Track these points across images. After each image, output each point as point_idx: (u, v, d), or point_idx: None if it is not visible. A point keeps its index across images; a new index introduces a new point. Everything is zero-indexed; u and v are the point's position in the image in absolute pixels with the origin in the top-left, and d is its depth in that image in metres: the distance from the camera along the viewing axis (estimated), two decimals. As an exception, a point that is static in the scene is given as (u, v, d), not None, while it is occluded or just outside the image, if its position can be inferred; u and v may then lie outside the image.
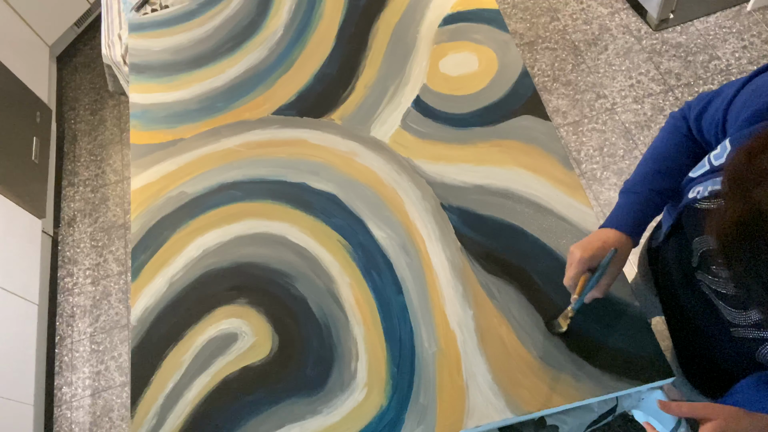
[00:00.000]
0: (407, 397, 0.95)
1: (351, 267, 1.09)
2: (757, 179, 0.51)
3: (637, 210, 0.87)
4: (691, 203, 0.79)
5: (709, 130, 0.82)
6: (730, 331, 0.78)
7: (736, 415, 0.64)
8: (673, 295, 0.95)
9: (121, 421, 1.93)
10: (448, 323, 1.00)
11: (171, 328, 1.08)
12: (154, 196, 1.24)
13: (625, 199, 0.89)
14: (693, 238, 0.81)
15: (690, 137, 0.87)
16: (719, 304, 0.78)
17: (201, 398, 1.01)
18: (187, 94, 1.38)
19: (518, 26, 2.45)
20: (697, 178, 0.79)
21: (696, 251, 0.81)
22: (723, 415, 0.64)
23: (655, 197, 0.86)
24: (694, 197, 0.78)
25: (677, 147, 0.87)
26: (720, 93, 0.80)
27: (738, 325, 0.76)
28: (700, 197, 0.77)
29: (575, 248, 0.85)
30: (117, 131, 2.58)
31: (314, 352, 1.02)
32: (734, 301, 0.75)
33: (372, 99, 1.29)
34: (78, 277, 2.23)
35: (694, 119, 0.85)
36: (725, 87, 0.79)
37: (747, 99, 0.72)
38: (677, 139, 0.88)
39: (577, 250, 0.85)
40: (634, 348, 0.93)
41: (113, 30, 1.79)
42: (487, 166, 1.16)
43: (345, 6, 1.46)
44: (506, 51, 1.30)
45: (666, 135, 0.89)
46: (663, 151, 0.88)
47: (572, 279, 0.85)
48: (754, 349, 0.74)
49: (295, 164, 1.23)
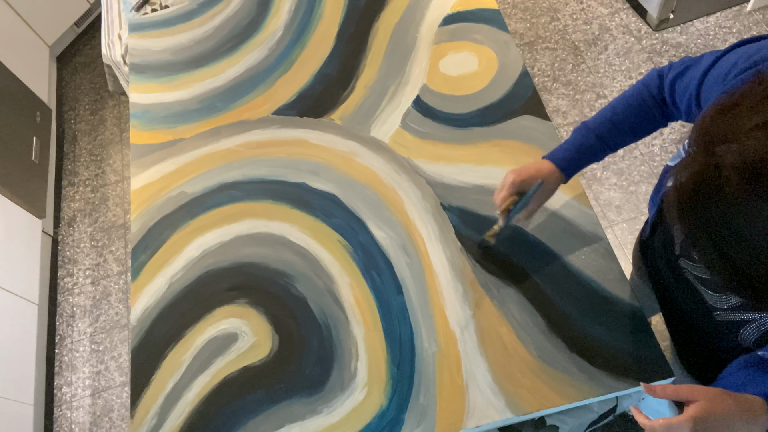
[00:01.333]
0: (407, 397, 0.95)
1: (351, 267, 1.09)
2: (722, 136, 0.51)
3: (576, 150, 0.92)
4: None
5: (681, 98, 0.82)
6: (714, 315, 0.79)
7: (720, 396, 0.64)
8: (662, 285, 0.97)
9: (121, 421, 1.93)
10: (448, 323, 1.00)
11: (171, 328, 1.08)
12: (154, 196, 1.24)
13: (573, 137, 0.93)
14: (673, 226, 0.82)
15: (655, 99, 0.88)
16: (701, 290, 0.79)
17: (201, 398, 1.00)
18: (187, 94, 1.38)
19: (518, 26, 2.44)
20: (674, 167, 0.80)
21: (677, 239, 0.82)
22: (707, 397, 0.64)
23: (597, 144, 0.91)
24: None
25: (639, 105, 0.89)
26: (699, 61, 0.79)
27: (719, 308, 0.76)
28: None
29: (510, 172, 0.91)
30: (117, 131, 2.58)
31: (314, 352, 1.02)
32: (714, 285, 0.75)
33: (372, 99, 1.29)
34: (78, 277, 2.23)
35: (670, 82, 0.85)
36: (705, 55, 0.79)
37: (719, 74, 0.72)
38: (642, 97, 0.89)
39: (510, 174, 0.91)
40: (634, 348, 0.93)
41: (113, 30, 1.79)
42: (487, 166, 1.16)
43: (345, 6, 1.46)
44: (506, 51, 1.30)
45: (636, 89, 0.91)
46: (625, 104, 0.90)
47: (502, 199, 0.92)
48: (736, 332, 0.75)
49: (295, 164, 1.23)
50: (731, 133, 0.50)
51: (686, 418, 0.63)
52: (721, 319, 0.77)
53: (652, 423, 0.68)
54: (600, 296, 0.99)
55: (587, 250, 1.03)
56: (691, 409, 0.64)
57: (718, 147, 0.50)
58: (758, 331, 0.71)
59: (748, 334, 0.73)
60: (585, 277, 1.01)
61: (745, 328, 0.73)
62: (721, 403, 0.63)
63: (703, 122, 0.54)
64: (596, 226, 1.06)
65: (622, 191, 2.00)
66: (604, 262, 1.02)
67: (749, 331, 0.72)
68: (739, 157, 0.48)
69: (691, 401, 0.65)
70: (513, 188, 0.90)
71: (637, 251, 1.12)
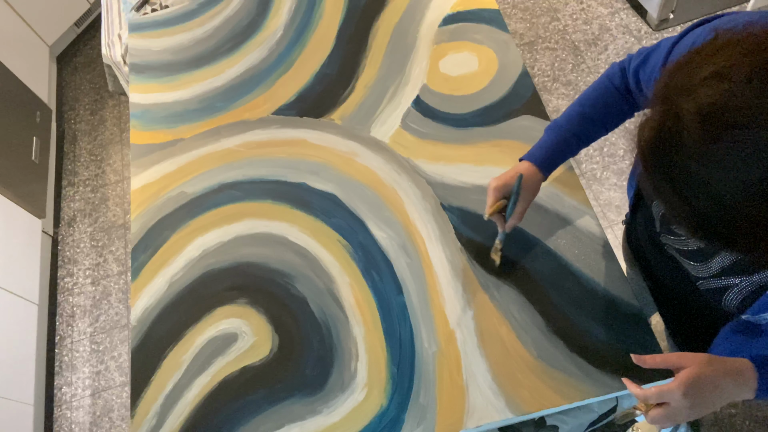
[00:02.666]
0: (407, 397, 0.95)
1: (351, 267, 1.09)
2: (679, 88, 0.53)
3: (552, 148, 0.94)
4: None
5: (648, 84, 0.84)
6: (697, 285, 0.80)
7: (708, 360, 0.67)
8: (647, 265, 0.99)
9: (121, 421, 1.93)
10: (448, 323, 1.00)
11: (171, 328, 1.08)
12: (154, 196, 1.24)
13: (547, 136, 0.96)
14: (651, 203, 0.84)
15: (620, 91, 0.91)
16: (683, 262, 0.81)
17: (201, 398, 1.00)
18: (187, 94, 1.38)
19: (518, 26, 2.44)
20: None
21: (656, 216, 0.83)
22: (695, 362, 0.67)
23: (571, 139, 0.93)
24: None
25: (605, 98, 0.92)
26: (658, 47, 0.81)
27: (702, 277, 0.78)
28: None
29: (491, 180, 0.94)
30: (117, 131, 2.58)
31: (314, 352, 1.02)
32: (696, 255, 0.77)
33: (372, 99, 1.29)
34: (78, 277, 2.23)
35: (633, 72, 0.87)
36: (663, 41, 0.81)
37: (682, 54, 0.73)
38: (608, 91, 0.92)
39: (492, 181, 0.94)
40: (634, 348, 0.93)
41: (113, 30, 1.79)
42: (487, 166, 1.16)
43: (345, 6, 1.46)
44: (506, 51, 1.30)
45: (600, 84, 0.93)
46: (592, 99, 0.93)
47: (490, 207, 0.93)
48: (720, 298, 0.76)
49: (295, 164, 1.23)
50: (688, 84, 0.52)
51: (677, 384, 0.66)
52: (705, 287, 0.79)
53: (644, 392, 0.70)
54: (600, 296, 0.99)
55: (587, 250, 1.03)
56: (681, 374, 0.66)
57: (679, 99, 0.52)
58: (740, 295, 0.72)
59: (731, 299, 0.74)
60: (585, 277, 1.01)
61: (728, 294, 0.74)
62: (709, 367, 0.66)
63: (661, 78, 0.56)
64: (596, 226, 1.06)
65: (622, 191, 1.99)
66: (604, 262, 1.02)
67: (731, 296, 0.74)
68: (694, 104, 0.50)
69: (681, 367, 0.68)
70: (497, 192, 0.93)
71: (624, 242, 1.13)
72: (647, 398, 0.70)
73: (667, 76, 0.55)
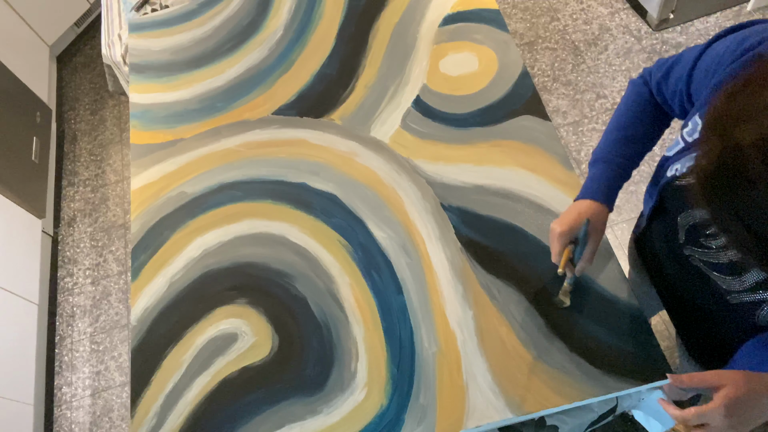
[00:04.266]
0: (407, 397, 0.95)
1: (351, 267, 1.09)
2: (736, 118, 0.52)
3: (607, 177, 0.90)
4: (671, 181, 0.81)
5: (673, 98, 0.83)
6: (727, 299, 0.79)
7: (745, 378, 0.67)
8: (664, 276, 0.97)
9: (121, 421, 1.93)
10: (448, 323, 1.00)
11: (171, 328, 1.08)
12: (154, 196, 1.24)
13: (596, 169, 0.92)
14: (677, 215, 0.83)
15: (652, 103, 0.90)
16: (712, 275, 0.80)
17: (201, 398, 1.01)
18: (187, 94, 1.38)
19: (518, 26, 2.44)
20: (673, 156, 0.81)
21: (682, 227, 0.82)
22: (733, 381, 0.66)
23: (623, 163, 0.90)
24: (673, 175, 0.80)
25: (641, 114, 0.90)
26: (680, 60, 0.81)
27: (734, 291, 0.77)
28: (679, 174, 0.78)
29: (554, 224, 0.89)
30: (117, 131, 2.58)
31: (314, 352, 1.02)
32: (728, 269, 0.76)
33: (372, 99, 1.29)
34: (78, 277, 2.23)
35: (656, 86, 0.86)
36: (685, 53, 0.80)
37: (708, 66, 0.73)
38: (641, 106, 0.90)
39: (555, 226, 0.89)
40: (634, 348, 0.93)
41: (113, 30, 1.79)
42: (487, 166, 1.16)
43: (345, 6, 1.46)
44: (506, 51, 1.30)
45: (629, 102, 0.92)
46: (628, 118, 0.91)
47: (557, 254, 0.89)
48: (752, 313, 0.76)
49: (295, 164, 1.23)
50: (745, 113, 0.51)
51: (718, 404, 0.65)
52: (737, 301, 0.77)
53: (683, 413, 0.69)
54: (600, 296, 0.99)
55: (587, 250, 1.03)
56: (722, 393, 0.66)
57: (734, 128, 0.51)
58: None
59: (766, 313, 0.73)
60: (585, 277, 1.01)
61: (763, 307, 0.73)
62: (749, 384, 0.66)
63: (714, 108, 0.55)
64: (596, 226, 1.06)
65: (622, 191, 1.99)
66: (604, 262, 1.02)
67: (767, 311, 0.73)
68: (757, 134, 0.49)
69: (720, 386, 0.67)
70: (563, 238, 0.88)
71: (632, 249, 1.12)
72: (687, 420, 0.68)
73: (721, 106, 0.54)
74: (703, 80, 0.74)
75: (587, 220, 0.87)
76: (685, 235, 0.82)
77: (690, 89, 0.79)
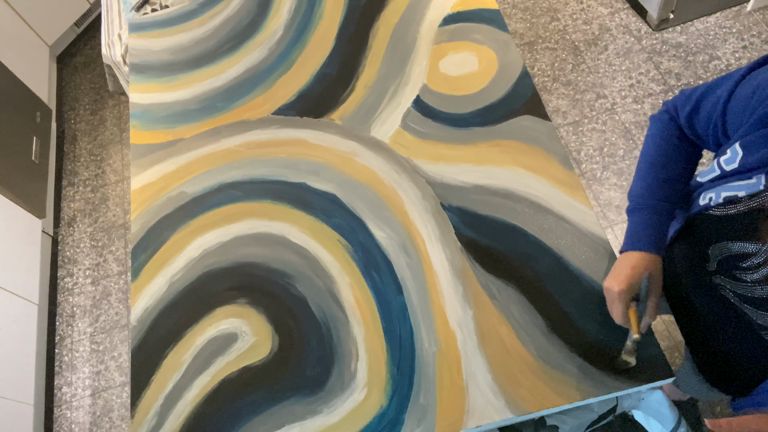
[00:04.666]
0: (407, 397, 0.95)
1: (351, 267, 1.09)
2: None
3: (653, 224, 0.86)
4: (704, 210, 0.79)
5: (706, 131, 0.81)
6: (761, 334, 0.78)
7: None
8: (685, 299, 0.94)
9: (121, 421, 1.93)
10: (448, 323, 1.00)
11: (171, 328, 1.08)
12: (154, 196, 1.24)
13: (638, 216, 0.88)
14: (709, 244, 0.80)
15: (683, 139, 0.87)
16: (745, 308, 0.78)
17: (201, 398, 1.01)
18: (187, 94, 1.38)
19: (518, 26, 2.44)
20: (706, 184, 0.79)
21: (713, 258, 0.80)
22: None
23: (665, 206, 0.86)
24: (707, 204, 0.78)
25: (674, 152, 0.87)
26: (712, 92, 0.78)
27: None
28: (713, 204, 0.76)
29: (609, 283, 0.85)
30: (117, 131, 2.58)
31: (314, 352, 1.02)
32: (764, 304, 0.74)
33: (372, 99, 1.29)
34: (78, 277, 2.23)
35: (686, 120, 0.84)
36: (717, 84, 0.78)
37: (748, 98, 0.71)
38: (672, 143, 0.87)
39: (613, 286, 0.84)
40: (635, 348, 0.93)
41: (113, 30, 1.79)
42: (487, 166, 1.16)
43: (345, 6, 1.46)
44: (506, 51, 1.30)
45: (659, 141, 0.88)
46: (661, 159, 0.88)
47: (622, 315, 0.85)
48: None
49: (295, 164, 1.23)
50: None
51: None
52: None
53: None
54: (600, 296, 0.99)
55: (587, 250, 1.03)
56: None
57: None
58: None
59: None
60: (585, 277, 1.01)
61: None
62: None
63: None
64: (596, 226, 1.06)
65: (622, 191, 1.99)
66: (604, 262, 1.02)
67: None
68: None
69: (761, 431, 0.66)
70: (625, 297, 0.84)
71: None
72: None
73: None
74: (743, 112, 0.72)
75: (648, 274, 0.84)
76: (717, 265, 0.80)
77: (725, 122, 0.76)
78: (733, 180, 0.73)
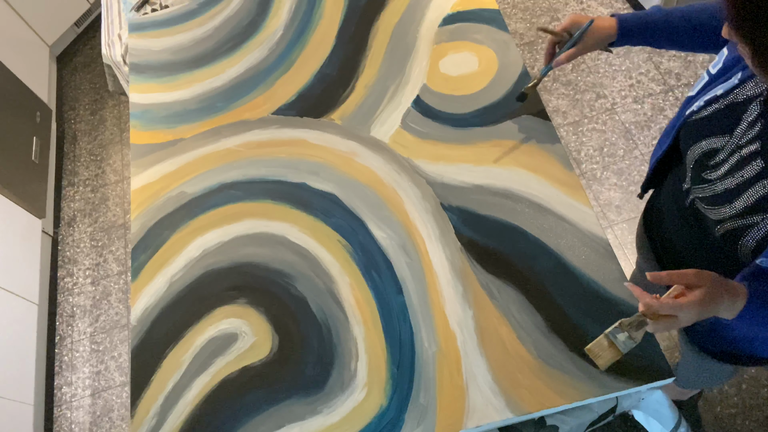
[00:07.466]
0: (407, 397, 0.95)
1: (351, 267, 1.09)
2: None
3: (641, 18, 0.94)
4: (688, 118, 0.84)
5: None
6: (714, 231, 0.81)
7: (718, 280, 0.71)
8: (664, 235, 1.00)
9: (121, 421, 1.93)
10: (448, 323, 1.00)
11: (171, 328, 1.08)
12: (154, 196, 1.24)
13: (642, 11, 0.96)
14: (688, 151, 0.85)
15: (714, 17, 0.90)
16: (708, 212, 0.82)
17: (201, 398, 1.01)
18: (187, 94, 1.38)
19: (518, 26, 2.44)
20: (696, 95, 0.83)
21: (689, 164, 0.84)
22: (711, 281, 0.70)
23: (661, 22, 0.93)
24: (690, 112, 0.83)
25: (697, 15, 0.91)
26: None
27: (723, 220, 0.79)
28: (696, 108, 0.81)
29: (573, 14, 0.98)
30: (117, 131, 2.58)
31: (314, 352, 1.02)
32: (723, 198, 0.78)
33: (372, 99, 1.29)
34: (78, 277, 2.23)
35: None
36: None
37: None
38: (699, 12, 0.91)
39: (572, 15, 0.99)
40: (634, 348, 0.93)
41: (113, 30, 1.79)
42: (487, 166, 1.16)
43: (345, 6, 1.46)
44: (506, 51, 1.30)
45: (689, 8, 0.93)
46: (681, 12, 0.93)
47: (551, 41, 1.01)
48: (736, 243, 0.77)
49: (295, 164, 1.23)
50: None
51: (694, 302, 0.69)
52: (723, 232, 0.79)
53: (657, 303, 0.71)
54: (600, 296, 0.99)
55: (587, 250, 1.03)
56: (698, 293, 0.70)
57: None
58: (759, 235, 0.74)
59: (747, 241, 0.76)
60: (585, 277, 1.01)
61: (746, 236, 0.76)
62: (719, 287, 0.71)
63: None
64: (596, 226, 1.06)
65: (622, 191, 2.00)
66: (604, 262, 1.02)
67: (749, 237, 0.75)
68: None
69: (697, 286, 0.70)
70: (567, 23, 0.98)
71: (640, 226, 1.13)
72: (659, 310, 0.72)
73: None
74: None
75: (591, 20, 0.94)
76: (691, 173, 0.84)
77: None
78: (717, 84, 0.79)
